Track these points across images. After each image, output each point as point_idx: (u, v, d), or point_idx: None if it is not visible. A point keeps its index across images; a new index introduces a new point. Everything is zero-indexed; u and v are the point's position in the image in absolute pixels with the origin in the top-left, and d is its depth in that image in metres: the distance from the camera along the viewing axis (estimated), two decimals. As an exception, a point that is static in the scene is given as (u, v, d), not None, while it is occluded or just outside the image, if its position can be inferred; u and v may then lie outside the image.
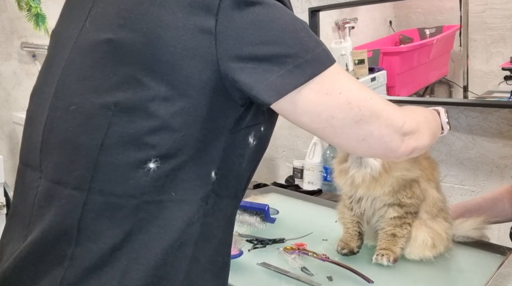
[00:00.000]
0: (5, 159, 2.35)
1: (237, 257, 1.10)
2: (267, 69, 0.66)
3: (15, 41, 2.54)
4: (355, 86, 0.72)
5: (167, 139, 0.67)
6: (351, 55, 1.95)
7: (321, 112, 0.70)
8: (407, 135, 0.76)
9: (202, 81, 0.67)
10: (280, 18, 0.68)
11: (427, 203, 1.12)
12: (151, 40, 0.67)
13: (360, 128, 0.71)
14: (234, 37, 0.66)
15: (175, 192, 0.68)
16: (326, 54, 0.70)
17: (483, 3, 1.60)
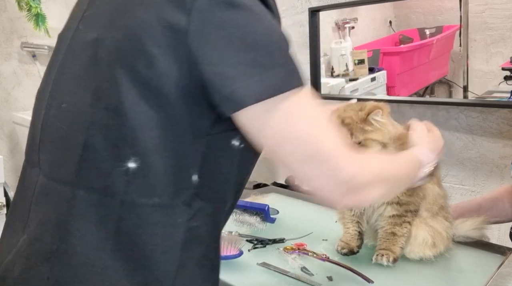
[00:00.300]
0: (5, 159, 2.35)
1: (237, 257, 1.10)
2: (233, 76, 0.64)
3: (15, 41, 2.54)
4: (313, 123, 0.68)
5: (142, 138, 0.67)
6: (351, 55, 1.95)
7: (275, 135, 0.67)
8: (353, 189, 0.69)
9: (176, 80, 0.66)
10: (256, 27, 0.66)
11: (427, 201, 1.11)
12: (129, 38, 0.68)
13: (305, 167, 0.68)
14: (204, 37, 0.65)
15: (156, 196, 0.68)
16: (296, 75, 0.68)
17: (483, 3, 1.60)
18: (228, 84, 0.64)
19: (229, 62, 0.64)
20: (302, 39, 2.12)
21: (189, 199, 0.70)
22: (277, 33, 0.69)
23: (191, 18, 0.65)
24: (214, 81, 0.65)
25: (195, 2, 0.65)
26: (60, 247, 0.69)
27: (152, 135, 0.67)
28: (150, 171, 0.68)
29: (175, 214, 0.69)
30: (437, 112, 1.75)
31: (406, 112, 1.84)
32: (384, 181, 0.77)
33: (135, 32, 0.67)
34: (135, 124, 0.67)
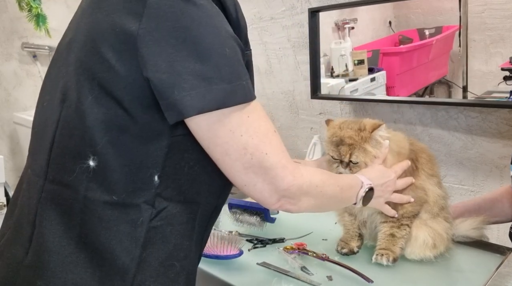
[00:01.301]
0: (6, 159, 2.36)
1: (237, 257, 1.10)
2: (177, 85, 0.65)
3: (15, 41, 2.55)
4: (259, 135, 0.71)
5: (101, 138, 0.69)
6: (351, 55, 1.95)
7: (218, 145, 0.70)
8: (286, 197, 0.76)
9: (130, 84, 0.68)
10: (208, 39, 0.66)
11: (428, 203, 1.12)
12: (89, 42, 0.71)
13: (247, 175, 0.72)
14: (154, 44, 0.66)
15: (117, 194, 0.70)
16: (243, 90, 0.69)
17: (482, 4, 1.60)
18: (172, 93, 0.66)
19: (175, 71, 0.65)
20: (302, 39, 2.12)
21: (151, 199, 0.72)
22: (230, 45, 0.69)
23: (141, 24, 0.66)
24: (159, 88, 0.66)
25: (146, 8, 0.66)
26: (35, 233, 0.73)
27: (109, 136, 0.69)
28: (108, 170, 0.70)
29: (136, 212, 0.71)
30: (436, 113, 1.76)
31: (405, 112, 1.84)
32: (318, 195, 0.82)
33: (93, 36, 0.70)
34: (93, 125, 0.69)
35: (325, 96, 1.99)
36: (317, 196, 0.82)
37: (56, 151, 0.74)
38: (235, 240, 1.12)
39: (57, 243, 0.72)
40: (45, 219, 0.73)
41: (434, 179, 1.13)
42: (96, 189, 0.70)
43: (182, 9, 0.66)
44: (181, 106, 0.66)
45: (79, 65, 0.71)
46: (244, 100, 0.69)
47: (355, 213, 1.15)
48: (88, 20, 0.73)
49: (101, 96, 0.69)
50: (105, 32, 0.68)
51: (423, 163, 1.12)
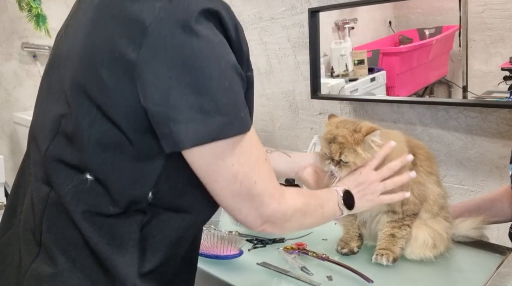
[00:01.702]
0: (6, 159, 2.36)
1: (237, 257, 1.10)
2: (173, 117, 0.65)
3: (15, 41, 2.55)
4: (249, 164, 0.72)
5: (96, 158, 0.70)
6: (351, 55, 1.95)
7: (209, 172, 0.71)
8: (269, 222, 0.78)
9: (126, 107, 0.68)
10: (206, 71, 0.66)
11: (428, 202, 1.11)
12: (85, 62, 0.70)
13: (234, 201, 0.74)
14: (152, 74, 0.65)
15: (112, 206, 0.72)
16: (239, 122, 0.69)
17: (482, 4, 1.60)
18: (168, 125, 0.66)
19: (172, 103, 0.65)
20: (302, 39, 2.12)
21: (144, 208, 0.74)
22: (229, 77, 0.68)
23: (141, 52, 0.65)
24: (155, 118, 0.67)
25: (146, 37, 0.65)
26: (42, 240, 0.75)
27: (105, 156, 0.70)
28: (103, 186, 0.71)
29: (129, 219, 0.73)
30: (436, 113, 1.76)
31: (405, 112, 1.84)
32: (301, 218, 0.84)
33: (92, 58, 0.69)
34: (89, 144, 0.70)
35: (325, 96, 1.99)
36: (300, 219, 0.84)
37: (51, 163, 0.75)
38: (235, 240, 1.12)
39: (64, 251, 0.73)
40: (51, 226, 0.74)
41: (433, 177, 1.13)
42: (91, 200, 0.72)
43: (182, 40, 0.65)
44: (177, 138, 0.66)
45: (77, 86, 0.71)
46: (239, 132, 0.69)
47: (361, 218, 1.15)
48: (86, 40, 0.71)
49: (99, 118, 0.69)
50: (105, 57, 0.68)
51: (422, 160, 1.11)
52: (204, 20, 0.66)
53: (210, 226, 1.22)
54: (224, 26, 0.69)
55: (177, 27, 0.64)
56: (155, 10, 0.65)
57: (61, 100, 0.74)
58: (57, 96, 0.76)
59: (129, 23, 0.66)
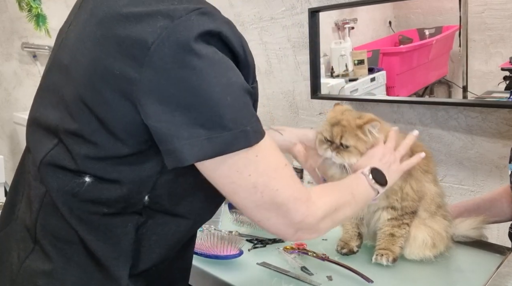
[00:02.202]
0: (6, 159, 2.36)
1: (237, 257, 1.10)
2: (176, 134, 0.66)
3: (15, 41, 2.55)
4: (269, 172, 0.71)
5: (96, 167, 0.72)
6: (351, 55, 1.95)
7: (226, 184, 0.70)
8: (303, 229, 0.76)
9: (127, 123, 0.68)
10: (209, 88, 0.66)
11: (425, 201, 1.11)
12: (85, 76, 0.70)
13: (259, 212, 0.72)
14: (154, 93, 0.65)
15: (107, 208, 0.73)
16: (246, 136, 0.68)
17: (482, 4, 1.60)
18: (171, 142, 0.66)
19: (174, 121, 0.65)
20: (302, 39, 2.12)
21: (140, 210, 0.74)
22: (231, 93, 0.68)
23: (142, 72, 0.65)
24: (158, 136, 0.67)
25: (148, 57, 0.65)
26: (37, 236, 0.76)
27: (104, 164, 0.71)
28: (100, 190, 0.72)
29: (125, 220, 0.74)
30: (436, 113, 1.76)
31: (405, 112, 1.84)
32: (335, 214, 0.82)
33: (93, 75, 0.70)
34: (88, 154, 0.71)
35: (325, 96, 1.99)
36: (333, 216, 0.81)
37: (50, 166, 0.75)
38: (235, 240, 1.12)
39: (59, 249, 0.75)
40: (46, 223, 0.76)
41: (429, 175, 1.13)
42: (87, 202, 0.73)
43: (183, 60, 0.65)
44: (180, 154, 0.66)
45: (79, 98, 0.71)
46: (247, 145, 0.68)
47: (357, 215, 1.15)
48: (89, 55, 0.71)
49: (99, 131, 0.70)
50: (106, 74, 0.68)
51: None
52: (205, 42, 0.66)
53: (210, 226, 1.22)
54: (228, 45, 0.69)
55: (178, 47, 0.65)
56: (157, 29, 0.65)
57: (60, 107, 0.75)
58: (55, 100, 0.77)
59: (132, 42, 0.66)
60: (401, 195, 1.07)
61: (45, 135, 0.77)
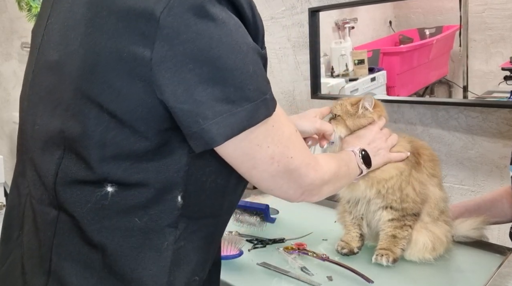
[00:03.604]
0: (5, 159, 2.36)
1: (237, 257, 1.10)
2: (201, 114, 0.61)
3: (15, 41, 2.55)
4: (284, 141, 0.70)
5: (116, 169, 0.64)
6: (351, 55, 1.95)
7: (245, 161, 0.68)
8: (309, 191, 0.78)
9: (144, 110, 0.62)
10: (227, 58, 0.61)
11: (429, 204, 1.11)
12: (87, 66, 0.63)
13: (273, 181, 0.72)
14: (170, 70, 0.59)
15: (138, 218, 0.66)
16: (266, 105, 0.66)
17: (483, 3, 1.60)
18: (196, 123, 0.61)
19: (197, 99, 0.60)
20: (302, 39, 2.12)
21: (175, 221, 0.68)
22: (252, 60, 0.64)
23: (154, 48, 0.59)
24: (182, 118, 0.62)
25: (159, 30, 0.59)
26: (52, 267, 0.68)
27: (125, 165, 0.64)
28: (131, 196, 0.65)
29: (160, 237, 0.67)
30: (437, 112, 1.75)
31: (406, 112, 1.84)
32: (335, 181, 0.86)
33: (94, 62, 0.62)
34: (106, 156, 0.64)
35: (325, 96, 1.99)
36: (334, 182, 0.85)
37: (64, 183, 0.67)
38: (235, 240, 1.12)
39: (79, 277, 0.67)
40: (63, 251, 0.68)
41: (435, 179, 1.12)
42: (115, 215, 0.66)
43: (198, 28, 0.59)
44: (207, 136, 0.62)
45: (82, 95, 0.64)
46: (268, 114, 0.66)
47: (351, 209, 1.15)
48: (84, 42, 0.63)
49: (113, 126, 0.63)
50: (110, 59, 0.61)
51: (426, 160, 1.11)
52: (217, 3, 0.61)
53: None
54: (238, 8, 0.64)
55: (191, 13, 0.58)
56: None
57: (58, 111, 0.67)
58: (50, 107, 0.69)
59: (136, 16, 0.59)
60: (400, 195, 1.07)
61: (47, 149, 0.69)
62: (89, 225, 0.66)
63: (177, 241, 0.68)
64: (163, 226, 0.67)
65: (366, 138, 1.04)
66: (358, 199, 1.11)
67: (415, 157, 1.10)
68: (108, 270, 0.66)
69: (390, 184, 1.05)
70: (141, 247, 0.67)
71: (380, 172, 1.05)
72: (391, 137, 1.08)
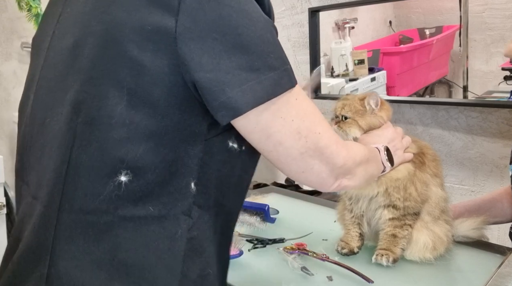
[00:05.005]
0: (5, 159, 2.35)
1: (237, 257, 1.10)
2: (227, 82, 0.61)
3: (15, 41, 2.55)
4: (309, 116, 0.69)
5: (135, 151, 0.63)
6: (351, 55, 1.95)
7: (271, 135, 0.67)
8: (342, 174, 0.75)
9: (167, 87, 0.62)
10: (249, 28, 0.63)
11: (430, 204, 1.11)
12: (107, 44, 0.63)
13: (303, 160, 0.69)
14: (195, 41, 0.60)
15: (152, 206, 0.65)
16: (289, 75, 0.66)
17: (483, 3, 1.60)
18: (223, 92, 0.61)
19: (222, 68, 0.61)
20: (302, 39, 2.12)
21: (188, 209, 0.67)
22: (270, 31, 0.66)
23: (178, 20, 0.60)
24: (207, 88, 0.62)
25: (182, 2, 0.60)
26: (51, 272, 0.65)
27: (143, 147, 0.63)
28: (142, 182, 0.64)
29: (174, 225, 0.66)
30: (437, 112, 1.75)
31: (406, 112, 1.84)
32: (366, 163, 0.84)
33: (114, 37, 0.62)
34: (124, 137, 0.62)
35: (326, 96, 1.99)
36: (367, 165, 0.83)
37: (73, 174, 0.65)
38: (235, 240, 1.12)
39: (87, 277, 0.64)
40: (65, 253, 0.65)
41: (437, 179, 1.12)
42: (128, 204, 0.64)
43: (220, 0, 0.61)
44: (235, 103, 0.62)
45: (100, 74, 0.63)
46: (291, 85, 0.66)
47: (352, 206, 1.15)
48: (102, 20, 0.64)
49: (133, 105, 0.62)
50: (132, 32, 0.61)
51: (430, 160, 1.11)
52: None
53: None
54: None
55: None
56: None
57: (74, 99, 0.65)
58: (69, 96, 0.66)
59: None
60: (403, 194, 1.07)
61: (56, 142, 0.67)
62: (101, 217, 0.64)
63: (190, 230, 0.67)
64: (177, 214, 0.66)
65: (385, 137, 1.03)
66: (360, 196, 1.11)
67: (419, 157, 1.10)
68: (118, 262, 0.64)
69: (398, 183, 1.06)
70: (154, 235, 0.65)
71: (394, 172, 1.05)
72: (405, 138, 1.08)
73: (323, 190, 0.77)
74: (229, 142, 0.70)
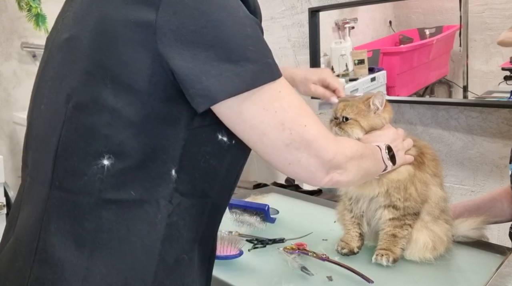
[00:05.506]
0: (5, 159, 2.35)
1: (237, 257, 1.10)
2: (205, 72, 0.64)
3: (15, 41, 2.55)
4: (294, 109, 0.70)
5: (117, 136, 0.67)
6: (351, 55, 1.95)
7: (254, 127, 0.68)
8: (333, 169, 0.75)
9: (149, 77, 0.65)
10: (229, 21, 0.65)
11: (429, 204, 1.11)
12: (96, 35, 0.68)
13: (289, 152, 0.70)
14: (174, 33, 0.64)
15: (134, 190, 0.68)
16: (270, 68, 0.68)
17: (483, 3, 1.60)
18: (200, 80, 0.64)
19: (200, 58, 0.64)
20: (302, 39, 2.12)
21: (169, 194, 0.70)
22: (250, 26, 0.68)
23: (159, 12, 0.64)
24: (185, 78, 0.64)
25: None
26: (39, 245, 0.69)
27: (125, 133, 0.67)
28: (124, 167, 0.67)
29: (155, 209, 0.69)
30: (437, 112, 1.76)
31: (406, 112, 1.84)
32: (360, 158, 0.83)
33: (103, 30, 0.67)
34: (107, 122, 0.66)
35: (325, 96, 1.99)
36: (360, 161, 0.82)
37: (62, 155, 0.70)
38: (235, 240, 1.12)
39: (70, 253, 0.68)
40: (53, 228, 0.69)
41: (437, 179, 1.12)
42: (111, 188, 0.68)
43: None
44: (211, 91, 0.64)
45: (89, 63, 0.68)
46: (272, 78, 0.67)
47: (352, 206, 1.15)
48: (94, 15, 0.69)
49: (116, 93, 0.66)
50: (118, 25, 0.65)
51: (429, 160, 1.11)
52: None
53: (210, 226, 1.22)
54: None
55: None
56: None
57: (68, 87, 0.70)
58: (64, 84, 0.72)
59: None
60: (403, 194, 1.07)
61: (50, 124, 0.72)
62: (85, 197, 0.68)
63: (170, 215, 0.70)
64: (158, 199, 0.69)
65: (388, 137, 1.03)
66: (361, 196, 1.11)
67: (419, 157, 1.10)
68: (100, 242, 0.68)
69: (398, 184, 1.06)
70: (135, 218, 0.68)
71: (395, 173, 1.06)
72: (407, 140, 1.08)
73: (314, 184, 0.77)
74: (218, 135, 0.71)
